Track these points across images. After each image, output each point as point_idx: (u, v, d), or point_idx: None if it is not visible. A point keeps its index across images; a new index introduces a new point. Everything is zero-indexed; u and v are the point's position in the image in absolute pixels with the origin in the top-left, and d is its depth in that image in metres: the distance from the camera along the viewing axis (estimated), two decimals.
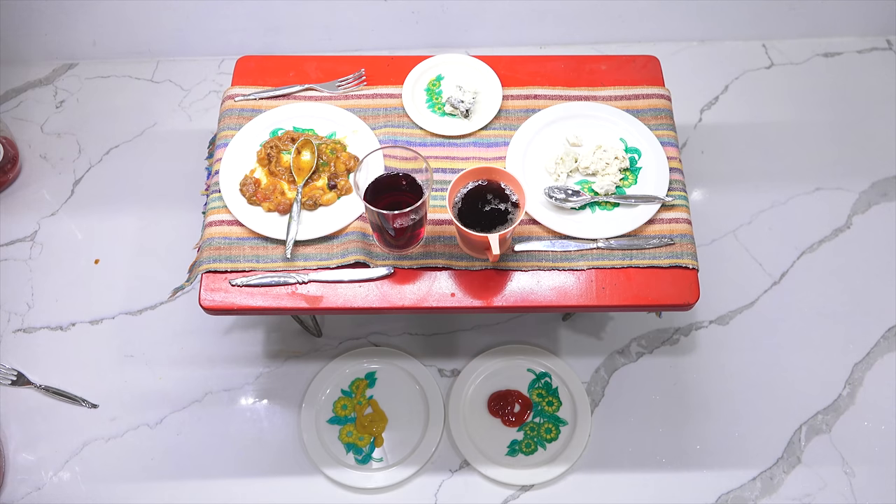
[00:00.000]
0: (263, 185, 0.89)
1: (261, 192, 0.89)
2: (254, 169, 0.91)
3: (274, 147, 0.91)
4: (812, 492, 1.07)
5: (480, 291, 0.90)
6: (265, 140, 0.92)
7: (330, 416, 1.12)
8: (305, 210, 0.89)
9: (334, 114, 0.96)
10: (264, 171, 0.91)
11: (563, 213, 0.94)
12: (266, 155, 0.90)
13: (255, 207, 0.89)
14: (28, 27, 1.41)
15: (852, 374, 1.16)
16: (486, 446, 1.09)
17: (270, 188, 0.89)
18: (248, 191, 0.89)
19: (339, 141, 0.94)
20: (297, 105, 0.97)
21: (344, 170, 0.91)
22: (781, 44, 1.49)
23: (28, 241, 1.28)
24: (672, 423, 1.12)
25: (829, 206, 1.30)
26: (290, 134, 0.93)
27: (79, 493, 1.08)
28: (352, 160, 0.92)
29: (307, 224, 0.89)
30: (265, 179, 0.90)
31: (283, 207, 0.89)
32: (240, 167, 0.91)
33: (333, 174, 0.91)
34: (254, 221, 0.88)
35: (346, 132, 0.95)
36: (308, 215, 0.89)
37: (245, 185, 0.89)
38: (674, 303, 0.90)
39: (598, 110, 1.01)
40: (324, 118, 0.96)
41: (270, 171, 0.90)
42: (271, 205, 0.89)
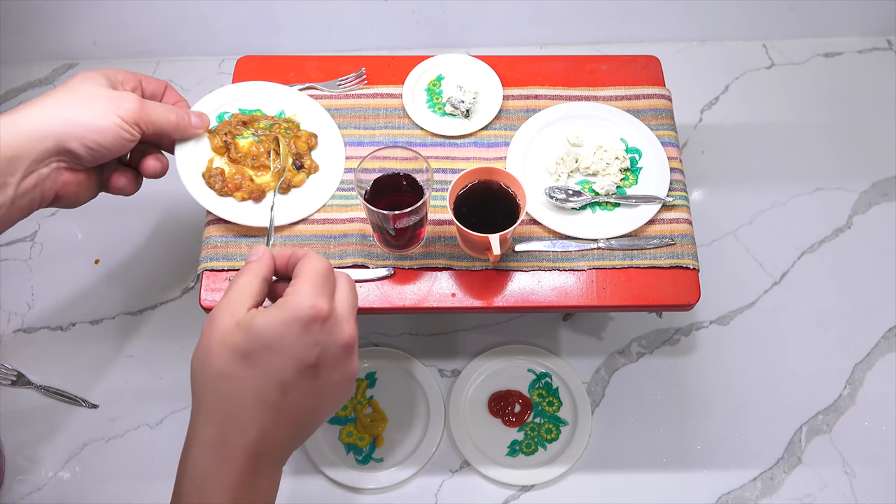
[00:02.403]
0: (229, 173, 0.86)
1: (230, 182, 0.85)
2: (212, 158, 0.86)
3: (228, 133, 0.87)
4: (813, 492, 1.07)
5: (481, 291, 0.90)
6: (213, 126, 0.88)
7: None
8: (280, 195, 0.87)
9: (278, 92, 0.93)
10: (223, 159, 0.87)
11: (564, 213, 0.94)
12: (223, 143, 0.86)
13: (227, 198, 0.86)
14: (28, 27, 1.40)
15: (853, 374, 1.16)
16: (487, 446, 1.09)
17: (238, 177, 0.86)
18: (216, 182, 0.85)
19: (292, 119, 0.92)
20: (235, 86, 0.93)
21: (306, 148, 0.90)
22: (781, 44, 1.49)
23: (28, 241, 1.28)
24: (672, 424, 1.12)
25: (829, 206, 1.30)
26: (239, 117, 0.89)
27: (79, 493, 1.08)
28: (312, 138, 0.90)
29: (285, 209, 0.88)
30: (228, 168, 0.86)
31: (257, 195, 0.86)
32: (196, 157, 0.86)
33: (297, 154, 0.88)
34: (230, 212, 0.86)
35: (295, 109, 0.93)
36: (283, 199, 0.88)
37: (212, 176, 0.85)
38: (674, 303, 0.90)
39: (599, 110, 1.01)
40: (268, 97, 0.93)
41: (231, 158, 0.86)
42: (244, 193, 0.86)
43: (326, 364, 0.55)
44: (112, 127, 0.70)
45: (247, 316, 0.54)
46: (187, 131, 0.81)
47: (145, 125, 0.73)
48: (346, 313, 0.57)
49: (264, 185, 0.86)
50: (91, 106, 0.69)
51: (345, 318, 0.57)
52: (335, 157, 0.91)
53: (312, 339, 0.53)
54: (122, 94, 0.72)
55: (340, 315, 0.56)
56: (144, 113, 0.72)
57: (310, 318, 0.53)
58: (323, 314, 0.54)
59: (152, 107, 0.74)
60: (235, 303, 0.55)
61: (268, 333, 0.53)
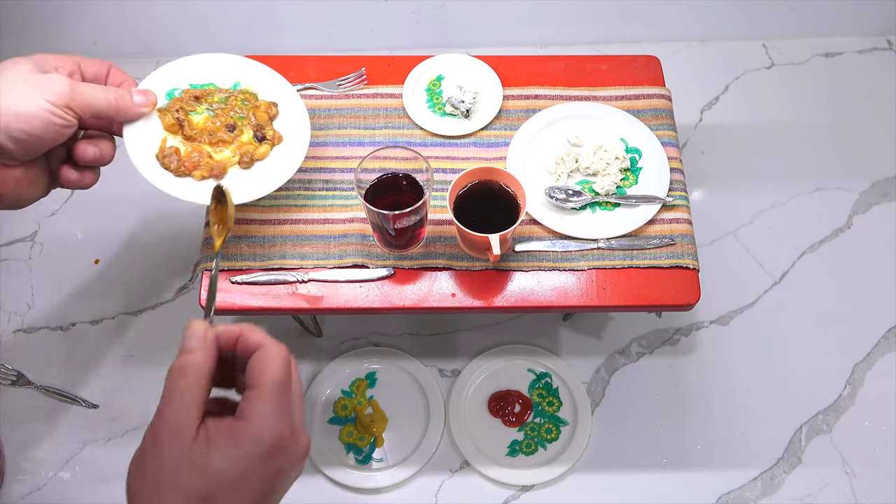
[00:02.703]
0: (185, 152, 0.80)
1: (187, 161, 0.79)
2: (164, 138, 0.79)
3: (180, 110, 0.80)
4: (813, 492, 1.07)
5: (481, 291, 0.90)
6: (163, 105, 0.81)
7: (330, 416, 1.12)
8: (242, 169, 0.81)
9: (230, 63, 0.86)
10: (178, 138, 0.80)
11: (564, 213, 0.94)
12: (175, 121, 0.79)
13: (185, 178, 0.79)
14: (28, 27, 1.40)
15: (853, 374, 1.16)
16: (487, 446, 1.09)
17: (196, 155, 0.80)
18: (171, 162, 0.79)
19: (248, 90, 0.85)
20: (182, 61, 0.85)
21: (266, 118, 0.83)
22: (781, 44, 1.49)
23: (28, 241, 1.28)
24: (672, 424, 1.12)
25: (829, 206, 1.30)
26: (191, 92, 0.82)
27: (79, 493, 1.08)
28: (271, 107, 0.84)
29: (249, 184, 0.81)
30: (184, 147, 0.80)
31: (218, 171, 0.80)
32: (146, 139, 0.79)
33: (258, 125, 0.82)
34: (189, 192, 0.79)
35: (251, 80, 0.86)
36: (245, 175, 0.81)
37: (167, 156, 0.78)
38: (674, 303, 0.90)
39: (599, 110, 1.01)
40: (220, 69, 0.86)
41: (186, 136, 0.80)
42: (204, 171, 0.80)
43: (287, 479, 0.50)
44: (40, 113, 0.62)
45: (201, 453, 0.46)
46: (130, 111, 0.74)
47: (79, 108, 0.65)
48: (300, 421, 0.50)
49: (224, 161, 0.81)
50: (15, 92, 0.62)
51: (301, 429, 0.50)
52: (298, 125, 0.84)
53: (275, 466, 0.48)
54: (52, 76, 0.65)
55: (297, 428, 0.50)
56: (77, 94, 0.65)
57: (273, 449, 0.47)
58: (285, 440, 0.48)
59: (86, 87, 0.66)
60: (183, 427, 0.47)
61: (228, 476, 0.46)
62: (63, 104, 0.64)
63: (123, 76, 0.75)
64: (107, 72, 0.73)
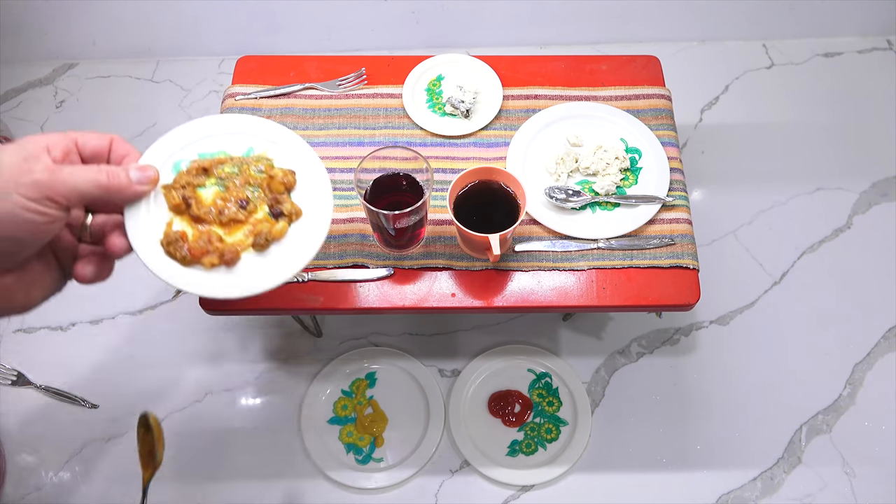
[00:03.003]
0: (192, 237, 0.69)
1: (196, 247, 0.68)
2: (170, 221, 0.68)
3: (187, 186, 0.69)
4: (813, 492, 1.07)
5: (481, 291, 0.90)
6: (168, 181, 0.70)
7: (330, 416, 1.12)
8: (256, 253, 0.70)
9: (242, 125, 0.74)
10: (184, 219, 0.69)
11: (564, 213, 0.94)
12: (182, 200, 0.69)
13: (193, 268, 0.69)
14: (28, 27, 1.40)
15: (852, 374, 1.16)
16: (487, 446, 1.09)
17: (205, 239, 0.69)
18: (178, 250, 0.68)
19: (263, 156, 0.74)
20: (190, 126, 0.73)
21: (283, 190, 0.72)
22: (781, 44, 1.49)
23: None
24: (672, 424, 1.12)
25: (829, 206, 1.30)
26: (199, 164, 0.71)
27: (79, 493, 1.08)
28: (289, 175, 0.72)
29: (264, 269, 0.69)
30: (192, 230, 0.69)
31: (230, 256, 0.69)
32: (149, 221, 0.68)
33: (273, 199, 0.71)
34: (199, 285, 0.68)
35: (265, 144, 0.74)
36: (260, 260, 0.69)
37: (172, 243, 0.68)
38: (674, 303, 0.90)
39: (599, 110, 1.01)
40: (231, 133, 0.74)
41: (193, 216, 0.69)
42: (214, 258, 0.69)
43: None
44: (14, 210, 0.53)
45: None
46: (126, 192, 0.63)
47: (63, 197, 0.56)
48: None
49: (237, 244, 0.69)
50: None
51: None
52: (320, 196, 0.72)
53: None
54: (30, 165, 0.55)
55: None
56: (58, 181, 0.55)
57: None
58: None
59: (70, 171, 0.57)
60: None
61: None
62: (41, 196, 0.55)
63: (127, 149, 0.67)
64: (108, 146, 0.65)
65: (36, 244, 0.57)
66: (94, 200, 0.60)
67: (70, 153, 0.61)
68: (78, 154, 0.62)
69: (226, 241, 0.70)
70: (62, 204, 0.56)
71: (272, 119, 1.01)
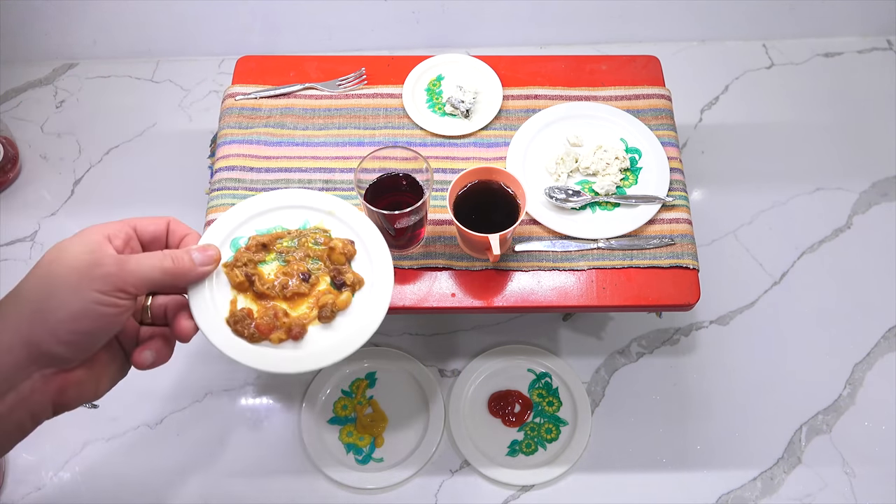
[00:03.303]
0: (258, 313, 0.68)
1: (262, 325, 0.68)
2: (234, 299, 0.68)
3: (248, 263, 0.70)
4: (812, 492, 1.07)
5: (481, 292, 0.90)
6: (228, 259, 0.70)
7: (330, 416, 1.12)
8: (322, 325, 0.69)
9: (296, 198, 0.74)
10: (248, 297, 0.69)
11: (564, 213, 0.94)
12: (245, 277, 0.69)
13: (260, 346, 0.68)
14: (28, 27, 1.41)
15: (852, 374, 1.16)
16: (487, 446, 1.09)
17: (270, 315, 0.68)
18: (247, 328, 0.67)
19: (321, 228, 0.74)
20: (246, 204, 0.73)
21: (344, 260, 0.72)
22: (781, 44, 1.49)
23: (28, 241, 1.28)
24: (672, 424, 1.12)
25: (829, 206, 1.30)
26: (258, 240, 0.71)
27: (79, 493, 1.08)
28: (348, 245, 0.72)
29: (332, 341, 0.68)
30: (256, 307, 0.69)
31: (297, 331, 0.68)
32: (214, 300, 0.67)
33: (335, 270, 0.71)
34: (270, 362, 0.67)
35: (320, 216, 0.74)
36: (326, 332, 0.69)
37: (240, 322, 0.67)
38: (674, 303, 0.90)
39: (599, 110, 1.01)
40: (286, 207, 0.74)
41: (257, 293, 0.69)
42: (281, 333, 0.68)
43: None
44: (87, 307, 0.54)
45: None
46: (191, 274, 0.63)
47: (133, 287, 0.56)
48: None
49: (303, 317, 0.69)
50: (57, 288, 0.55)
51: None
52: (380, 262, 0.72)
53: None
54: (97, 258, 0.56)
55: None
56: (127, 273, 0.56)
57: None
58: None
59: (137, 261, 0.57)
60: None
61: None
62: (114, 289, 0.56)
63: (185, 229, 0.67)
64: (166, 228, 0.66)
65: (108, 335, 0.58)
66: (160, 286, 0.61)
67: (130, 240, 0.62)
68: (137, 240, 0.63)
69: (291, 315, 0.69)
70: (132, 293, 0.57)
71: (272, 120, 1.01)
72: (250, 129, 1.01)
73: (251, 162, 0.99)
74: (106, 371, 0.62)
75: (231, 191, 0.97)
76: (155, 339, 0.63)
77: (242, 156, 0.99)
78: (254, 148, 0.99)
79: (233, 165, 0.98)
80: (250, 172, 0.98)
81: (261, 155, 0.99)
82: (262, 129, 1.01)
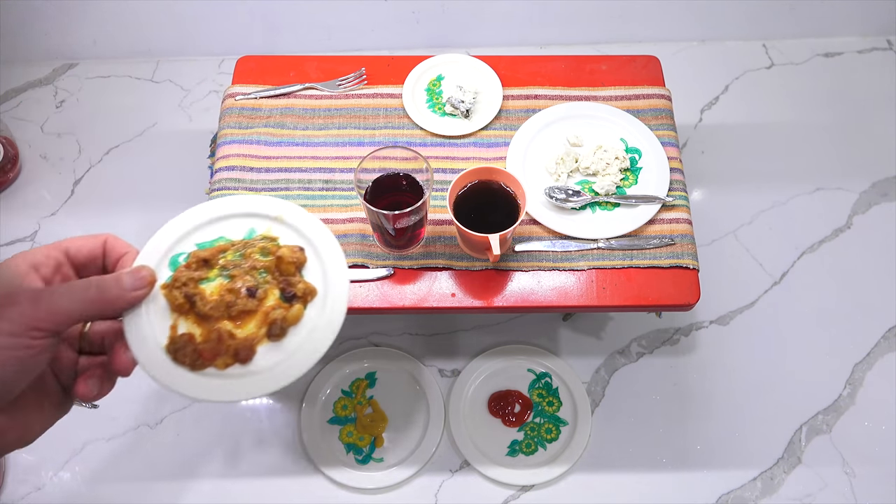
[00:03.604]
0: (201, 337, 0.61)
1: (205, 350, 0.61)
2: (173, 324, 0.61)
3: (188, 283, 0.63)
4: (812, 492, 1.07)
5: (481, 291, 0.90)
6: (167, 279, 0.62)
7: (330, 416, 1.12)
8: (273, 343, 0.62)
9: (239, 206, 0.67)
10: (189, 319, 0.62)
11: (564, 213, 0.94)
12: (184, 299, 0.62)
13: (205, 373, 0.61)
14: (28, 27, 1.41)
15: (852, 374, 1.16)
16: (487, 446, 1.09)
17: (215, 338, 0.61)
18: (187, 356, 0.61)
19: (267, 236, 0.66)
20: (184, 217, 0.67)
21: (294, 270, 0.65)
22: (781, 44, 1.49)
23: (28, 241, 1.28)
24: (672, 424, 1.12)
25: (829, 206, 1.30)
26: (198, 255, 0.64)
27: (79, 493, 1.08)
28: (297, 252, 0.65)
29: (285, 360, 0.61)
30: (199, 329, 0.62)
31: (245, 353, 0.61)
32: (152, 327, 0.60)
33: (285, 282, 0.64)
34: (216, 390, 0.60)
35: (267, 223, 0.67)
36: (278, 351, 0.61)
37: (180, 350, 0.61)
38: (674, 303, 0.90)
39: (599, 110, 1.01)
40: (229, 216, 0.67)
41: (199, 315, 0.62)
42: (228, 358, 0.62)
43: None
44: None
45: None
46: (119, 302, 0.56)
47: (50, 324, 0.50)
48: None
49: (251, 338, 0.62)
50: None
51: None
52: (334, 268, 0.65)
53: None
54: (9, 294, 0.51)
55: None
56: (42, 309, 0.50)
57: None
58: None
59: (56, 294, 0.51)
60: None
61: None
62: (26, 329, 0.49)
63: (124, 247, 0.61)
64: (102, 247, 0.60)
65: (26, 379, 0.51)
66: (86, 317, 0.54)
67: (61, 267, 0.56)
68: (70, 264, 0.57)
69: (238, 335, 0.63)
70: (50, 330, 0.50)
71: (272, 120, 1.01)
72: (250, 129, 1.01)
73: (251, 162, 0.99)
74: (36, 415, 0.55)
75: (231, 191, 0.97)
76: (98, 367, 0.58)
77: (242, 156, 0.99)
78: (254, 148, 0.99)
79: (233, 165, 0.98)
80: (250, 172, 0.98)
81: (261, 155, 0.99)
82: (262, 129, 1.01)
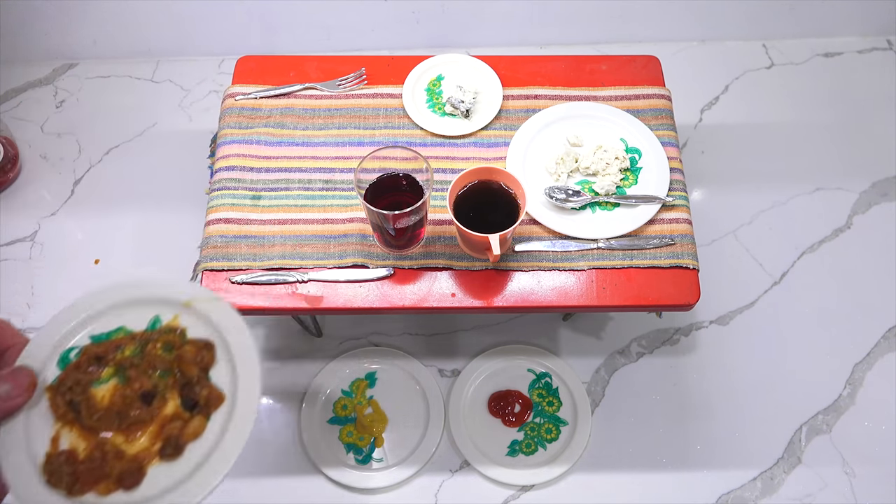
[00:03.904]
0: (83, 453, 0.52)
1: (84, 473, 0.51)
2: (55, 436, 0.52)
3: (75, 386, 0.53)
4: (812, 492, 1.07)
5: (481, 291, 0.90)
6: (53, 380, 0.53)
7: (330, 416, 1.12)
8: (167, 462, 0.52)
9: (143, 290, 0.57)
10: (74, 431, 0.52)
11: (564, 213, 0.94)
12: (67, 405, 0.52)
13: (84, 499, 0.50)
14: (28, 27, 1.41)
15: (852, 374, 1.16)
16: (487, 446, 1.09)
17: (98, 457, 0.52)
18: (62, 478, 0.51)
19: (172, 327, 0.56)
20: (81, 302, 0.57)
21: (197, 371, 0.55)
22: (781, 44, 1.49)
23: (28, 241, 1.28)
24: (672, 424, 1.12)
25: (829, 206, 1.30)
26: (91, 350, 0.54)
27: None
28: (202, 351, 0.55)
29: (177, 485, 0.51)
30: (83, 444, 0.52)
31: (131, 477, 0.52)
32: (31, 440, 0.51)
33: (185, 385, 0.54)
34: None
35: (174, 310, 0.57)
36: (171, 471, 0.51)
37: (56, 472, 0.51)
38: (674, 303, 0.90)
39: (599, 110, 1.01)
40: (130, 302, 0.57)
41: (84, 425, 0.52)
42: (110, 483, 0.51)
43: None
44: None
45: None
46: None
47: None
48: None
49: (141, 455, 0.52)
50: None
51: None
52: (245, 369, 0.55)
53: None
54: None
55: None
56: None
57: None
58: None
59: None
60: None
61: None
62: None
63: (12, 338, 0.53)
64: None
65: None
66: None
67: None
68: None
69: (127, 452, 0.52)
70: None
71: (272, 120, 1.01)
72: (250, 129, 1.01)
73: (251, 162, 0.98)
74: None
75: (231, 191, 0.97)
76: None
77: (242, 156, 0.99)
78: (254, 148, 0.99)
79: (233, 165, 0.98)
80: (250, 172, 0.98)
81: (261, 155, 0.99)
82: (262, 129, 1.01)
